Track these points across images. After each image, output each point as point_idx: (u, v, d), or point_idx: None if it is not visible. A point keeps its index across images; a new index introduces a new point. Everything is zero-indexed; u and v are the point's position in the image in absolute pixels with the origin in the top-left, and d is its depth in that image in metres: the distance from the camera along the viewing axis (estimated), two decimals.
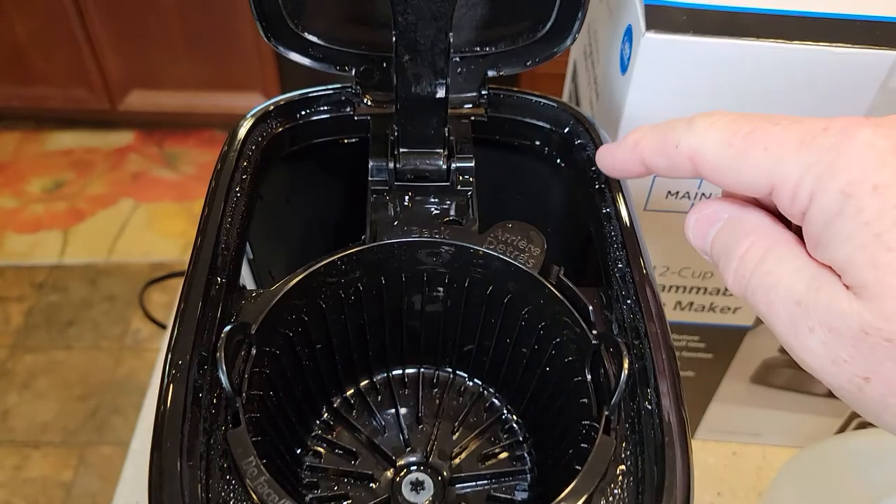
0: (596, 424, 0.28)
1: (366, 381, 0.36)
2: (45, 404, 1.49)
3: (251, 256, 0.37)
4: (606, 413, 0.26)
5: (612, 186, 0.33)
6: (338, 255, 0.31)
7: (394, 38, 0.29)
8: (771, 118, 0.22)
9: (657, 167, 0.26)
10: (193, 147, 1.94)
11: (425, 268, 0.33)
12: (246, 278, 0.38)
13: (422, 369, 0.36)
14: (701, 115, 0.24)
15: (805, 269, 0.22)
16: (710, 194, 0.39)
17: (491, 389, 0.36)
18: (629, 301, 0.29)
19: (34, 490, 1.39)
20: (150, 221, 1.75)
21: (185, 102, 1.82)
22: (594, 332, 0.29)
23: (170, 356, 0.26)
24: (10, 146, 1.93)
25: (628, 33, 0.37)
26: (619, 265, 0.31)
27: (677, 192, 0.39)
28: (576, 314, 0.30)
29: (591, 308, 0.29)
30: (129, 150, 1.93)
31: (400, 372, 0.36)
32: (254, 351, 0.28)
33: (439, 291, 0.33)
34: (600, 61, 0.44)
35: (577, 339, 0.30)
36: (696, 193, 0.39)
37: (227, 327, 0.27)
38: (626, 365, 0.27)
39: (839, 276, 0.21)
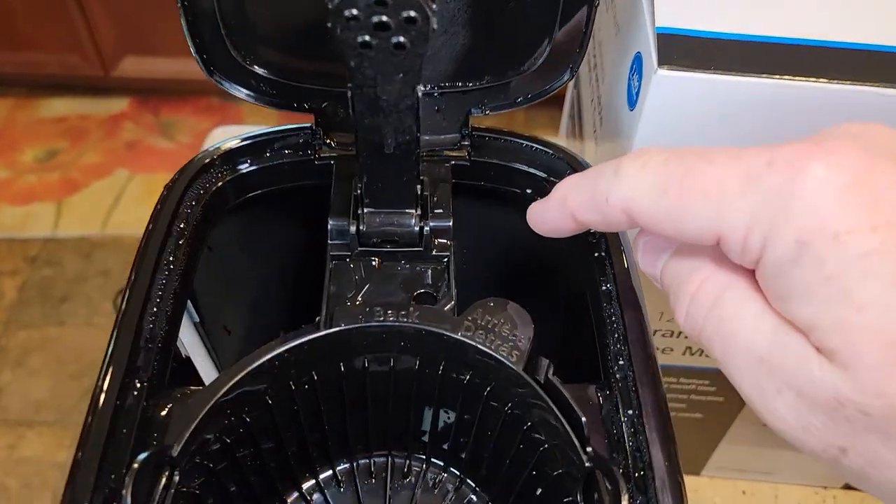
0: None
1: (327, 473, 0.31)
2: (39, 382, 1.47)
3: (197, 319, 0.32)
4: None
5: (615, 257, 0.28)
6: (284, 348, 0.26)
7: (349, 94, 0.24)
8: (706, 154, 0.19)
9: (591, 223, 0.23)
10: (190, 115, 1.88)
11: (391, 354, 0.28)
12: (193, 344, 0.33)
13: (391, 457, 0.31)
14: (628, 158, 0.21)
15: (766, 320, 0.19)
16: None
17: (470, 482, 0.31)
18: (630, 411, 0.25)
19: (29, 470, 1.37)
20: (146, 193, 1.70)
21: (181, 69, 1.76)
22: (588, 450, 0.24)
23: (67, 494, 0.22)
24: (2, 113, 1.87)
25: (637, 62, 0.31)
26: (620, 362, 0.26)
27: None
28: (566, 425, 0.25)
29: (584, 420, 0.24)
30: (123, 117, 1.88)
31: (366, 460, 0.31)
32: (177, 477, 0.23)
33: (408, 378, 0.29)
34: (605, 80, 0.38)
35: (566, 456, 0.25)
36: None
37: (141, 456, 0.22)
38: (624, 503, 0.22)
39: (805, 332, 0.18)
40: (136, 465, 0.22)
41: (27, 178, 1.75)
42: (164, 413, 0.25)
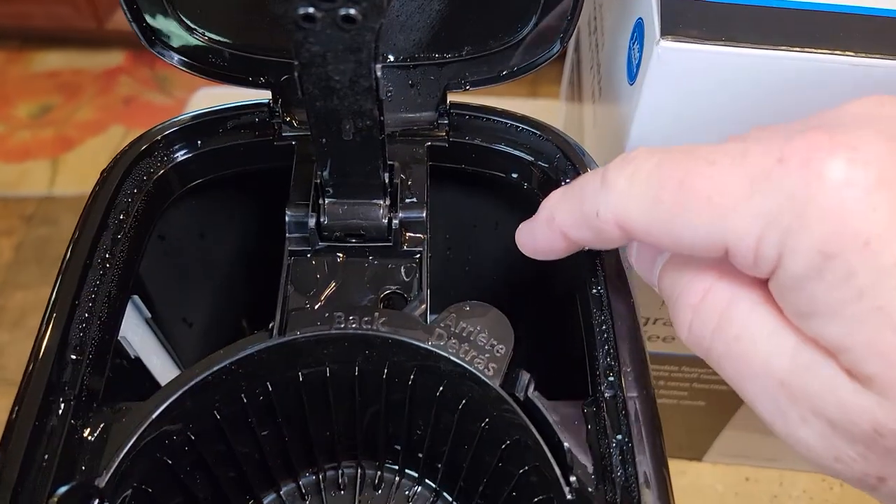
0: None
1: (289, 486, 0.28)
2: None
3: (148, 315, 0.29)
4: None
5: (606, 254, 0.25)
6: (230, 360, 0.23)
7: (296, 74, 0.20)
8: (704, 153, 0.17)
9: (585, 241, 0.21)
10: None
11: (356, 363, 0.25)
12: (145, 342, 0.30)
13: (361, 467, 0.29)
14: (615, 165, 0.19)
15: (783, 337, 0.17)
16: None
17: (446, 495, 0.28)
18: (619, 437, 0.22)
19: None
20: None
21: None
22: (571, 481, 0.21)
23: None
24: None
25: (638, 30, 0.28)
26: (610, 378, 0.23)
27: None
28: (547, 452, 0.22)
29: (566, 446, 0.22)
30: (118, 71, 1.83)
31: (334, 472, 0.29)
32: None
33: (376, 387, 0.26)
34: (604, 47, 0.35)
35: (549, 482, 0.22)
36: None
37: (61, 489, 0.20)
38: None
39: (832, 353, 0.16)
40: (54, 500, 0.20)
41: (21, 135, 1.71)
42: (94, 435, 0.22)
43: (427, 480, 0.29)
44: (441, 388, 0.25)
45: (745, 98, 0.26)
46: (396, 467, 0.29)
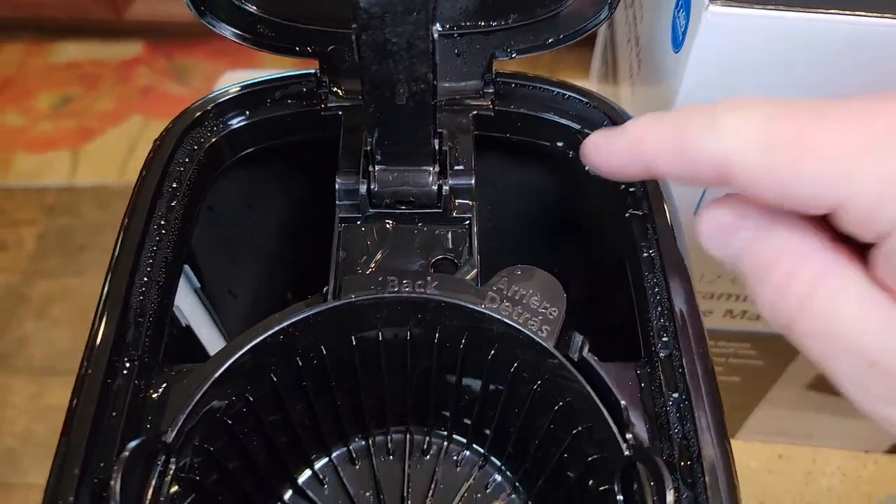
0: None
1: (340, 450, 0.29)
2: (61, 332, 1.47)
3: (197, 285, 0.30)
4: None
5: (658, 217, 0.25)
6: (288, 322, 0.23)
7: (353, 36, 0.20)
8: (820, 109, 0.17)
9: (670, 174, 0.20)
10: (204, 59, 1.83)
11: (408, 327, 0.25)
12: (194, 312, 0.30)
13: (409, 433, 0.29)
14: (726, 107, 0.18)
15: (877, 314, 0.16)
16: None
17: (495, 460, 0.29)
18: (675, 395, 0.22)
19: (55, 417, 1.38)
20: None
21: None
22: (627, 438, 0.21)
23: (51, 485, 0.20)
24: (15, 59, 1.84)
25: None
26: (664, 338, 0.23)
27: None
28: (603, 410, 0.22)
29: (623, 403, 0.22)
30: (137, 62, 1.84)
31: (383, 437, 0.29)
32: (172, 463, 0.21)
33: (427, 352, 0.26)
34: (645, 18, 0.35)
35: (603, 441, 0.22)
36: None
37: (132, 443, 0.20)
38: (670, 501, 0.20)
39: None
40: (125, 454, 0.20)
41: (43, 126, 1.73)
42: (157, 394, 0.22)
43: (475, 445, 0.29)
44: (492, 352, 0.25)
45: (796, 66, 0.26)
46: (445, 433, 0.29)
